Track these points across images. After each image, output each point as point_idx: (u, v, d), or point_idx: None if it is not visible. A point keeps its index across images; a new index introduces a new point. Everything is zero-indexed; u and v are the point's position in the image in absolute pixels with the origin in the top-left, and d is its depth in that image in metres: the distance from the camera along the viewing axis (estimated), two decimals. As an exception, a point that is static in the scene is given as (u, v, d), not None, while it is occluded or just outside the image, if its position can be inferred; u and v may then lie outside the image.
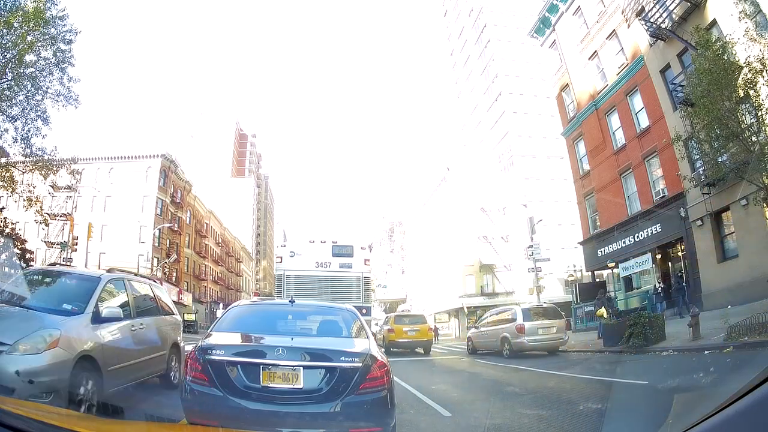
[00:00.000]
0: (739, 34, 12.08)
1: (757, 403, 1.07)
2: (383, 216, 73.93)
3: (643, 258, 19.68)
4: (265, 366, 3.29)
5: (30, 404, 2.21)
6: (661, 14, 17.40)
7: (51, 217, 28.56)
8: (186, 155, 63.43)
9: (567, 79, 25.07)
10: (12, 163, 18.88)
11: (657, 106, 18.66)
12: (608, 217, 22.39)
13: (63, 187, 29.86)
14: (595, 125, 22.90)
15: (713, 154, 12.49)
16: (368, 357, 3.49)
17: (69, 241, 28.27)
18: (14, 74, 16.65)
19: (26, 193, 18.58)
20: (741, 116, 11.60)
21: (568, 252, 37.47)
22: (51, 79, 17.53)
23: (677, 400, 2.21)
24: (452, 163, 46.85)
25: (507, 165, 46.72)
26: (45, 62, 17.41)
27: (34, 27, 16.59)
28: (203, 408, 3.26)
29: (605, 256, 22.34)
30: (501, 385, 8.80)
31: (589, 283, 25.81)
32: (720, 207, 15.80)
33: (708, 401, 1.33)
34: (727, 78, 11.22)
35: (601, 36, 22.00)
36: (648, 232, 19.60)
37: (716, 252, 16.25)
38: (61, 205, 34.22)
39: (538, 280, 25.30)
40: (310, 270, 16.14)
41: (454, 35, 59.98)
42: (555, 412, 5.92)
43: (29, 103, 17.27)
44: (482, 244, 41.35)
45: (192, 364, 3.39)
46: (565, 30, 24.85)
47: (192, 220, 52.03)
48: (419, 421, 5.64)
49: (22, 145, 17.31)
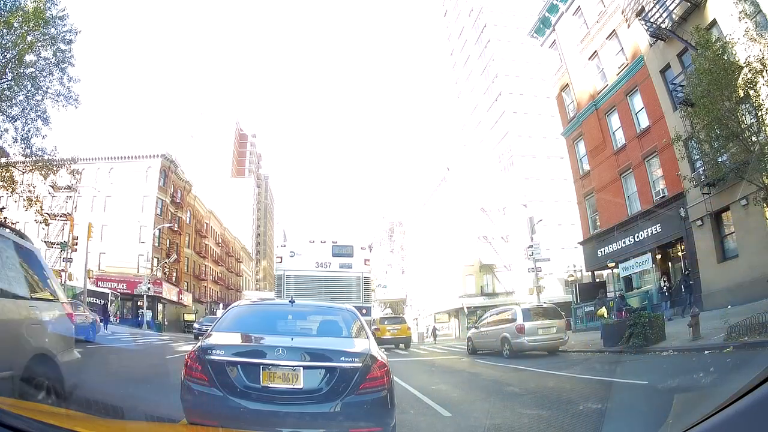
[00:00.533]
0: (739, 34, 12.08)
1: (757, 403, 1.07)
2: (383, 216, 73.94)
3: (643, 258, 19.69)
4: (265, 366, 3.29)
5: (30, 404, 2.21)
6: (661, 14, 17.41)
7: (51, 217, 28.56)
8: (186, 155, 63.44)
9: (567, 79, 25.08)
10: (12, 163, 18.88)
11: (657, 106, 18.67)
12: (608, 217, 22.40)
13: (63, 187, 29.85)
14: (595, 125, 22.90)
15: (713, 154, 12.49)
16: (368, 357, 3.49)
17: (69, 241, 28.28)
18: (14, 74, 16.65)
19: (26, 193, 18.57)
20: (741, 116, 11.60)
21: (568, 252, 37.47)
22: (51, 79, 17.54)
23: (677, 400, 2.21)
24: (452, 163, 46.84)
25: (507, 165, 46.72)
26: (45, 62, 17.41)
27: (34, 27, 16.59)
28: (203, 408, 3.25)
29: (605, 256, 22.35)
30: (501, 385, 8.80)
31: (589, 283, 25.83)
32: (720, 207, 15.80)
33: (708, 401, 1.34)
34: (727, 78, 11.22)
35: (601, 36, 22.00)
36: (648, 232, 19.60)
37: (716, 252, 16.26)
38: (61, 205, 34.22)
39: (538, 280, 25.30)
40: (310, 270, 16.13)
41: (454, 35, 59.98)
42: (555, 412, 5.92)
43: (29, 103, 17.28)
44: (482, 244, 41.34)
45: (192, 364, 3.37)
46: (565, 30, 24.86)
47: (192, 220, 52.03)
48: (419, 422, 5.64)
49: (22, 145, 17.31)
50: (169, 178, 44.77)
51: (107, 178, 41.99)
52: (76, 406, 4.03)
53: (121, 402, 4.64)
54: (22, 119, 17.16)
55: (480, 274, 41.90)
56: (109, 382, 7.93)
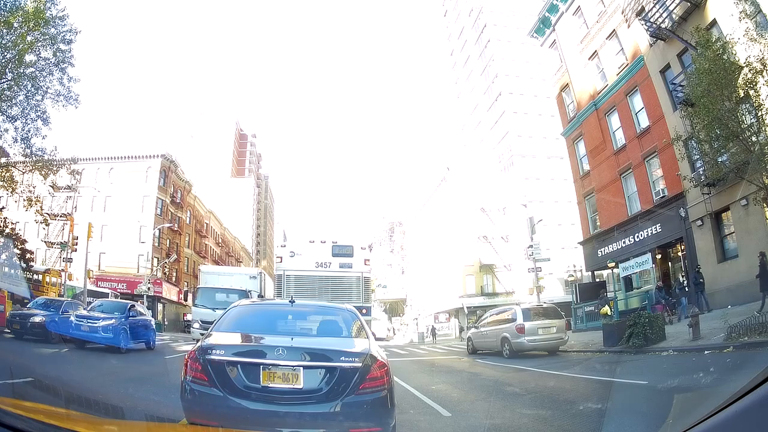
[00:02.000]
0: (739, 34, 12.08)
1: (757, 403, 1.07)
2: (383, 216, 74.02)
3: (643, 258, 19.65)
4: (265, 366, 3.29)
5: (30, 404, 2.21)
6: (661, 14, 17.41)
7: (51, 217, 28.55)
8: (186, 155, 63.38)
9: (567, 79, 25.08)
10: (12, 163, 18.89)
11: (657, 106, 18.67)
12: (608, 217, 22.39)
13: (63, 188, 29.85)
14: (595, 125, 22.90)
15: (713, 155, 12.49)
16: (368, 357, 3.48)
17: (69, 241, 28.27)
18: (14, 74, 16.66)
19: (26, 193, 18.57)
20: (741, 116, 11.60)
21: (568, 252, 37.49)
22: (51, 79, 17.58)
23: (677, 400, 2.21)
24: (452, 163, 46.82)
25: (507, 165, 46.74)
26: (45, 62, 17.43)
27: (34, 27, 16.61)
28: (203, 408, 3.25)
29: (605, 256, 22.34)
30: (501, 385, 8.79)
31: (590, 283, 25.82)
32: (720, 207, 15.81)
33: (708, 401, 1.34)
34: (727, 78, 11.22)
35: (601, 36, 22.00)
36: (648, 232, 19.60)
37: (716, 252, 16.26)
38: (61, 205, 34.20)
39: (538, 280, 25.29)
40: (310, 270, 16.14)
41: (454, 35, 59.98)
42: (556, 412, 5.92)
43: (29, 103, 17.30)
44: (482, 244, 41.33)
45: (192, 364, 3.37)
46: (565, 30, 24.85)
47: (192, 220, 52.00)
48: (419, 422, 5.64)
49: (22, 145, 17.32)
50: (169, 178, 44.75)
51: (107, 178, 41.95)
52: (76, 406, 4.00)
53: (121, 402, 4.64)
54: (22, 119, 17.18)
55: (480, 274, 41.90)
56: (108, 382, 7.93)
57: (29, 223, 24.67)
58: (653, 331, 11.55)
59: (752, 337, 8.98)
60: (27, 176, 19.43)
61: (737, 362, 7.90)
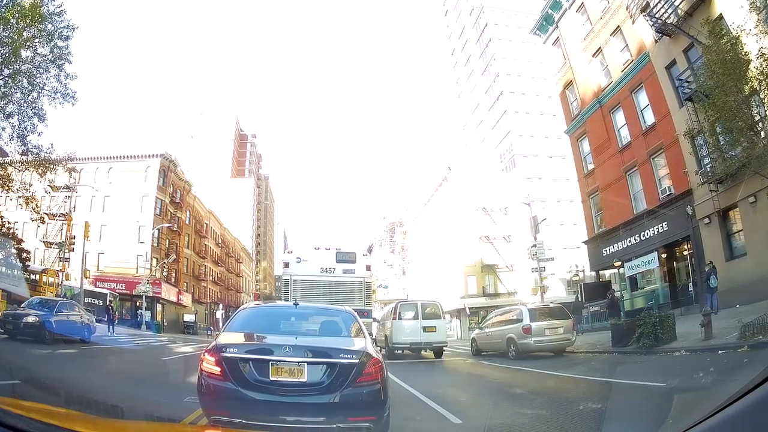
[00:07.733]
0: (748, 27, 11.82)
1: (757, 403, 1.08)
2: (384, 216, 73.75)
3: (649, 257, 19.42)
4: (274, 362, 3.68)
5: (30, 404, 2.14)
6: (667, 9, 17.15)
7: (49, 217, 28.34)
8: (186, 155, 63.21)
9: (570, 76, 24.82)
10: (8, 161, 18.67)
11: (663, 103, 18.41)
12: (613, 216, 22.12)
13: (61, 187, 29.63)
14: (599, 123, 22.64)
15: (725, 148, 12.21)
16: (364, 354, 3.89)
17: (66, 240, 28.00)
18: (10, 71, 16.42)
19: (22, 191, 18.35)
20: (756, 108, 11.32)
21: (570, 252, 37.27)
22: (48, 75, 17.35)
23: (677, 400, 2.28)
24: (453, 163, 46.60)
25: (509, 164, 46.54)
26: (42, 59, 17.20)
27: (31, 23, 16.37)
28: (218, 400, 3.64)
29: (610, 255, 22.07)
30: (510, 387, 8.48)
31: (595, 282, 25.51)
32: (728, 204, 15.53)
33: (708, 401, 1.34)
34: (740, 69, 10.94)
35: (606, 32, 21.75)
36: (654, 231, 19.33)
37: (724, 250, 15.99)
38: (59, 204, 33.96)
39: (542, 280, 25.04)
40: (316, 275, 16.65)
41: (455, 35, 59.83)
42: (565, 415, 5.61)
43: (25, 100, 17.07)
44: (484, 244, 41.10)
45: (208, 361, 3.75)
46: (569, 27, 24.60)
47: (191, 221, 51.71)
48: (428, 429, 5.35)
49: (18, 143, 17.09)
50: (168, 178, 44.48)
51: (106, 177, 41.69)
52: (76, 406, 4.06)
53: (121, 402, 4.50)
54: (18, 116, 16.95)
55: (482, 274, 41.67)
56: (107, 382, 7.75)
57: (27, 222, 24.42)
58: (664, 331, 11.25)
59: (767, 336, 8.71)
60: (23, 174, 19.19)
61: (737, 362, 7.64)
